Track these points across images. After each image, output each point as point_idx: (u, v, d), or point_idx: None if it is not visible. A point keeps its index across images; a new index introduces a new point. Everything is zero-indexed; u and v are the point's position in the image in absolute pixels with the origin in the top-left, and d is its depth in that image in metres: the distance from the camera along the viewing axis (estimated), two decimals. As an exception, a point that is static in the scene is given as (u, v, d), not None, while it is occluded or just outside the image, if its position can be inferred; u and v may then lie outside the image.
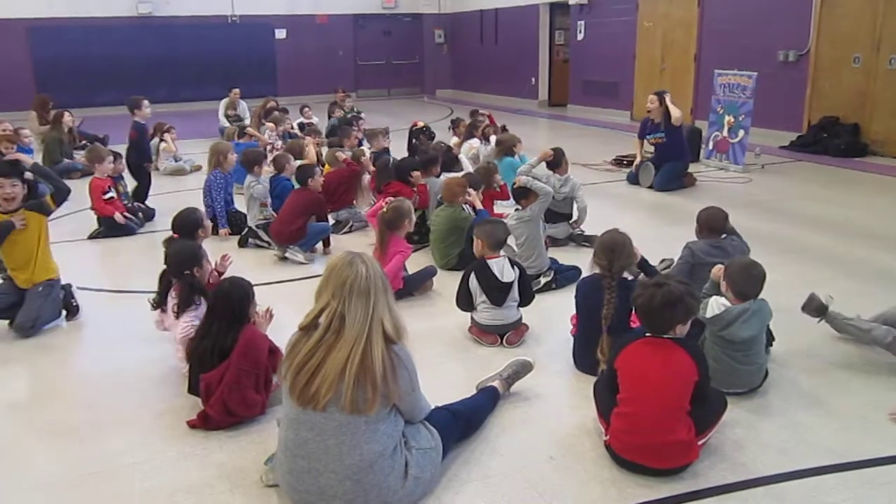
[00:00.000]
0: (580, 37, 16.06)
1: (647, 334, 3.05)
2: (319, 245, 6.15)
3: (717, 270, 3.72)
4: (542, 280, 5.09)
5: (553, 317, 4.60)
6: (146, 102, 8.15)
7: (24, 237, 4.61)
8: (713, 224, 4.34)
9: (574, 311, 3.99)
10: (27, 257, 4.65)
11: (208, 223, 4.55)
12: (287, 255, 5.91)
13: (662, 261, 5.19)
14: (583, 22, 15.88)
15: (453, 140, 9.00)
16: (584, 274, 4.38)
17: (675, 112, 8.22)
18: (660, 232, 6.52)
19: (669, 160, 8.34)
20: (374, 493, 2.66)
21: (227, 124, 12.19)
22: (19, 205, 4.59)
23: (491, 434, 3.33)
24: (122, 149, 7.99)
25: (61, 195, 4.81)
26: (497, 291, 4.24)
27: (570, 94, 16.79)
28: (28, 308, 4.59)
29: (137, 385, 3.91)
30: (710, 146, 9.65)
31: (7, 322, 4.64)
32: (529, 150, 7.89)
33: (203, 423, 3.41)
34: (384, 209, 4.93)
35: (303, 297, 5.20)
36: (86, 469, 3.16)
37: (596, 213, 6.42)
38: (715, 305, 3.54)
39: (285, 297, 4.55)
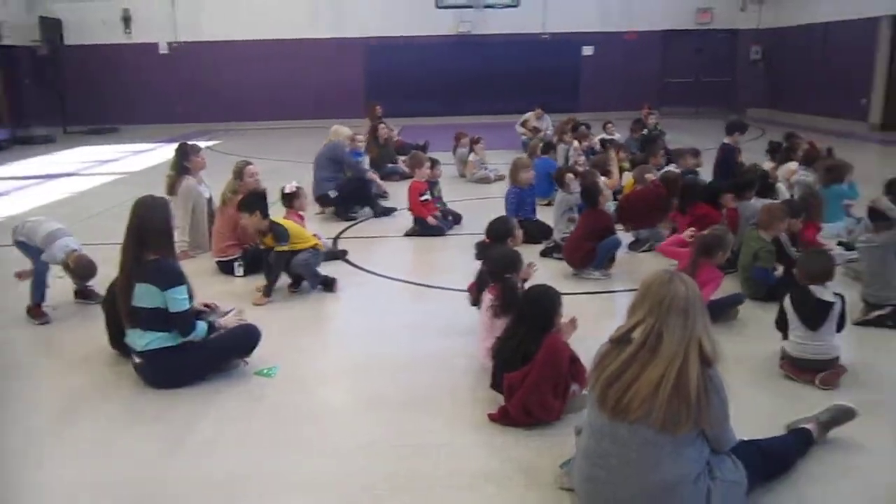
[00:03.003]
0: (929, 52, 14.10)
1: None
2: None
3: None
4: (874, 313, 4.59)
5: (883, 360, 4.16)
6: None
7: None
8: None
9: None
10: None
11: (519, 232, 4.78)
12: (582, 275, 5.98)
13: None
14: (934, 36, 13.93)
15: (768, 164, 8.41)
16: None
17: None
18: None
19: None
20: (672, 516, 2.60)
21: (526, 137, 12.66)
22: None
23: (800, 480, 3.09)
24: (440, 156, 8.67)
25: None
26: (812, 310, 3.93)
27: (912, 116, 14.80)
28: None
29: (443, 372, 4.24)
30: None
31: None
32: (858, 177, 7.14)
33: (502, 418, 3.59)
34: (705, 232, 4.75)
35: (599, 309, 5.27)
36: (400, 441, 3.51)
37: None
38: None
39: (581, 309, 4.59)
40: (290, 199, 6.34)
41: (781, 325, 4.11)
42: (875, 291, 4.73)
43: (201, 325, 4.12)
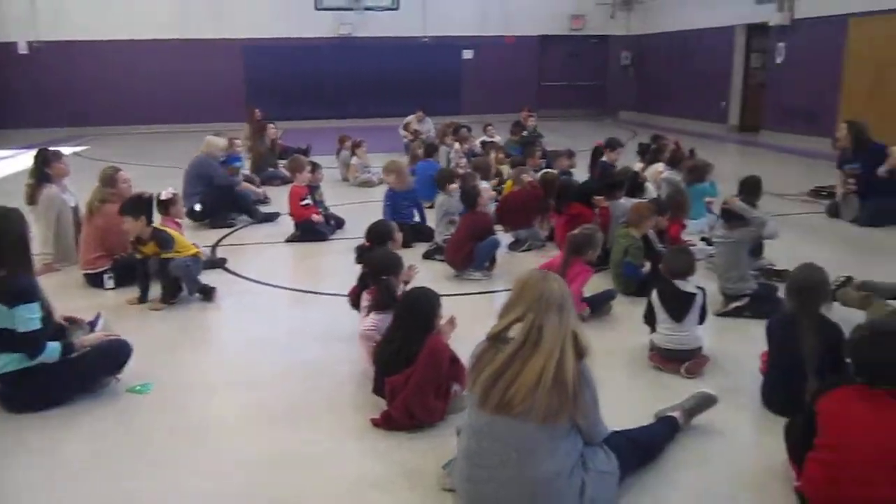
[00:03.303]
0: (779, 60, 15.21)
1: (859, 380, 2.79)
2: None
3: None
4: (732, 304, 4.92)
5: (741, 348, 4.43)
6: None
7: None
8: None
9: (764, 348, 3.80)
10: None
11: (399, 235, 4.80)
12: (464, 276, 6.07)
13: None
14: (783, 44, 15.03)
15: (638, 165, 8.82)
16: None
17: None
18: (862, 270, 5.97)
19: (882, 193, 7.65)
20: (549, 510, 2.68)
21: (408, 140, 12.70)
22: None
23: (667, 466, 3.26)
24: (322, 159, 8.55)
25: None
26: (676, 302, 4.17)
27: (765, 119, 15.93)
28: None
29: (326, 380, 4.20)
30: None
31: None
32: (717, 176, 7.61)
33: (385, 423, 3.59)
34: (576, 231, 4.92)
35: (480, 309, 5.37)
36: (280, 453, 3.45)
37: (789, 247, 6.08)
38: None
39: (463, 310, 4.67)
40: (166, 206, 6.09)
41: (649, 318, 4.33)
42: (732, 284, 5.06)
43: (52, 347, 3.77)
